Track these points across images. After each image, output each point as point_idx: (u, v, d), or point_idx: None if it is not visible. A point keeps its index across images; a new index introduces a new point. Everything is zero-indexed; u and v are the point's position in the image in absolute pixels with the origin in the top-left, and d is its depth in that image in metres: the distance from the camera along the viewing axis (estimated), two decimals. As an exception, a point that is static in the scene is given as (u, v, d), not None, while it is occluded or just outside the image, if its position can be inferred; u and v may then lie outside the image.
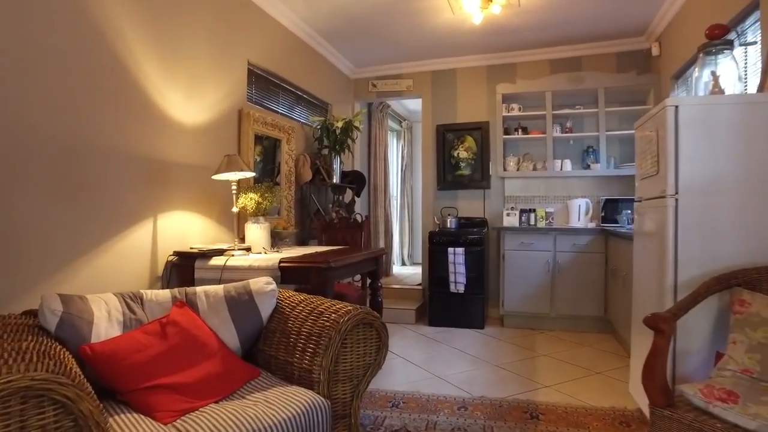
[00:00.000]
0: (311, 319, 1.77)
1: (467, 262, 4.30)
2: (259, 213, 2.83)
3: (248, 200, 2.79)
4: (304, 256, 2.60)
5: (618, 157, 4.47)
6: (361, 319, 1.72)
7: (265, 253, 2.74)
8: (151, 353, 1.56)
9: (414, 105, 6.95)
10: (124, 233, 2.31)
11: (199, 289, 1.95)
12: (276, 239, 3.13)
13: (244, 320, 1.87)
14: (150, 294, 1.87)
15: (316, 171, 4.10)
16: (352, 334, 1.70)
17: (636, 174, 2.62)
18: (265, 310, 1.91)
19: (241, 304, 1.89)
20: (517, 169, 4.65)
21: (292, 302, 1.92)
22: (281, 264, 2.41)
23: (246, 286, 1.95)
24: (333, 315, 1.71)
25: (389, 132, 7.35)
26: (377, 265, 3.16)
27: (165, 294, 1.89)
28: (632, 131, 4.38)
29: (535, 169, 4.61)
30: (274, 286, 1.96)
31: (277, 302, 1.95)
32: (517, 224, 4.50)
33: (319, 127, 4.24)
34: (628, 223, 4.01)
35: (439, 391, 2.79)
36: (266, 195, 2.84)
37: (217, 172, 2.60)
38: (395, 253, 7.33)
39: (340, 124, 4.13)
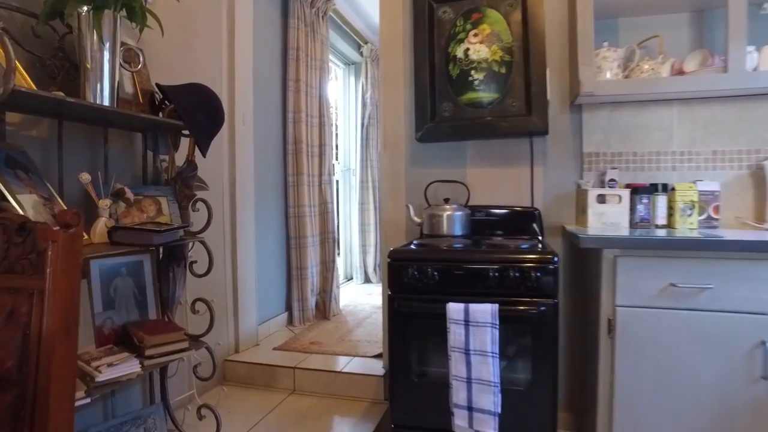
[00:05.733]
0: None
1: (506, 349, 1.46)
2: None
3: None
4: None
5: None
6: None
7: None
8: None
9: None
10: None
11: None
12: None
13: None
14: None
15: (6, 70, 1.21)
16: None
17: None
18: None
19: None
20: (625, 76, 1.80)
21: None
22: None
23: None
24: None
25: (340, 66, 4.46)
26: None
27: None
28: None
29: (678, 71, 1.75)
30: None
31: None
32: (627, 225, 1.67)
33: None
34: None
35: None
36: None
37: None
38: (353, 266, 4.50)
39: None
